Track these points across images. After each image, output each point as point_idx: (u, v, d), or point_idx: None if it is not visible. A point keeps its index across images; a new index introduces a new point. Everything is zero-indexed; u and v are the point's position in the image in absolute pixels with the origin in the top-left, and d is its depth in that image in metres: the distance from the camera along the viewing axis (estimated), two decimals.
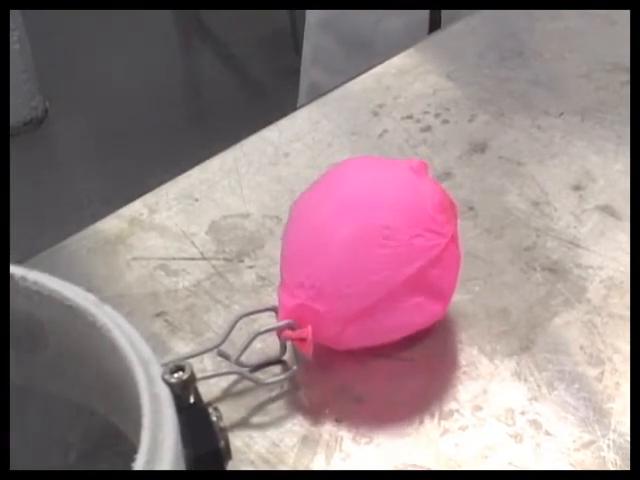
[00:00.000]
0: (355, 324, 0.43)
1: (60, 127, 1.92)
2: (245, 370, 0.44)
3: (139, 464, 0.25)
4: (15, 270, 0.31)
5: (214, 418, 0.30)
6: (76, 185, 1.76)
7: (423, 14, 0.84)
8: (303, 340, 0.43)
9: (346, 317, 0.43)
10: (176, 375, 0.29)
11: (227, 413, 0.43)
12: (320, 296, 0.42)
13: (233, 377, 0.45)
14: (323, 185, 0.46)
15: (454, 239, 0.45)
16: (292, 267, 0.44)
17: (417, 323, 0.45)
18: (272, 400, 0.44)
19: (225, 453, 0.30)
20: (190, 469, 0.28)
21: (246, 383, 0.44)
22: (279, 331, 0.44)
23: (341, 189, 0.44)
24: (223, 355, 0.43)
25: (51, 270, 0.33)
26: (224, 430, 0.30)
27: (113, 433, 0.32)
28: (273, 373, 0.45)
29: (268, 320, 0.45)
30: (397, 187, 0.44)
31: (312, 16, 0.95)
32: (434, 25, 0.83)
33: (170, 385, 0.29)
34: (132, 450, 0.26)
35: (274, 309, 0.44)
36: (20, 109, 1.83)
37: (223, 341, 0.43)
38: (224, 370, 0.44)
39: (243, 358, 0.44)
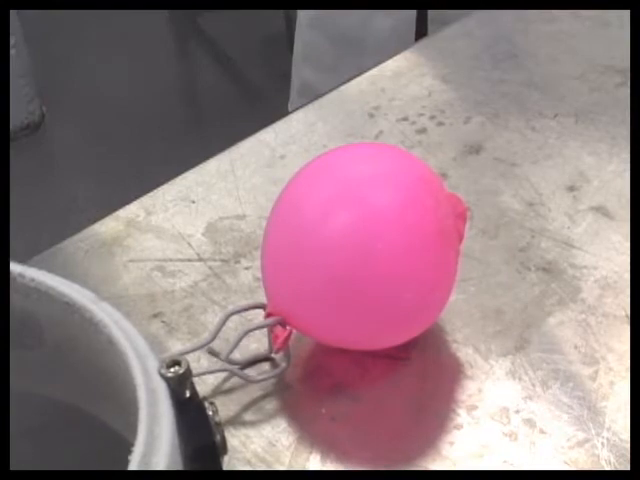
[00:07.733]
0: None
1: (57, 131, 1.92)
2: (235, 367, 0.44)
3: (136, 457, 0.25)
4: (13, 267, 0.31)
5: (210, 412, 0.30)
6: (73, 188, 1.76)
7: (411, 12, 0.85)
8: (277, 337, 0.43)
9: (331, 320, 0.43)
10: (172, 370, 0.29)
11: (224, 412, 0.43)
12: (302, 296, 0.42)
13: (226, 375, 0.45)
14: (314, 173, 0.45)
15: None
16: (275, 264, 0.44)
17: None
18: (268, 399, 0.44)
19: (221, 447, 0.30)
20: (186, 463, 0.28)
21: (242, 381, 0.45)
22: (269, 328, 0.44)
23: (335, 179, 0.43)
24: (213, 353, 0.43)
25: (48, 272, 0.33)
26: (220, 424, 0.31)
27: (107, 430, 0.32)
28: (264, 370, 0.45)
29: (263, 318, 0.45)
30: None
31: (303, 15, 0.96)
32: (421, 24, 0.84)
33: (166, 379, 0.29)
34: (127, 444, 0.26)
35: (263, 306, 0.44)
36: (17, 114, 1.83)
37: (213, 339, 0.43)
38: (216, 368, 0.44)
39: (237, 356, 0.44)
